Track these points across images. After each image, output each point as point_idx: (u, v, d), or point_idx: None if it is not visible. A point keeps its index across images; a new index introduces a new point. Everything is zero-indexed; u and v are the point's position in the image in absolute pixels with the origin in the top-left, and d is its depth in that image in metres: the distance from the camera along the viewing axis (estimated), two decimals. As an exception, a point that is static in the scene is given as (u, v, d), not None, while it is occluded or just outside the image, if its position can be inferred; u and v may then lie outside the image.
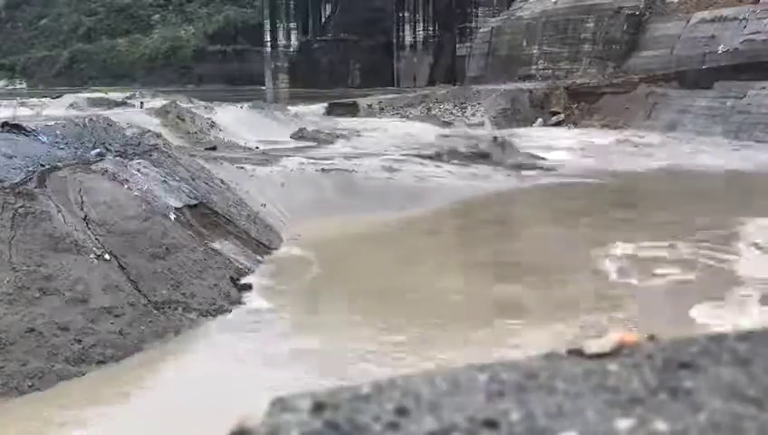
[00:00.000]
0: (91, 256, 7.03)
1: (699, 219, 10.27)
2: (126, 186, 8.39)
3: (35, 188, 7.20)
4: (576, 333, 5.50)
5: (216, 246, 8.65)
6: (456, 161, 14.85)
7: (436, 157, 15.07)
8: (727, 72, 21.05)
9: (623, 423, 0.65)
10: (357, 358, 5.78)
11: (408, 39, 49.34)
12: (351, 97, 28.84)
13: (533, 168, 15.11)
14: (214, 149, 15.00)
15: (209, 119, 17.96)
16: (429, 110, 25.93)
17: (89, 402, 5.34)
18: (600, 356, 0.80)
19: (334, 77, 49.61)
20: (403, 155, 15.18)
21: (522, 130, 21.68)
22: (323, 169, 13.42)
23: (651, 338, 0.85)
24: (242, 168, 13.34)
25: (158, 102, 20.60)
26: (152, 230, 7.94)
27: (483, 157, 15.31)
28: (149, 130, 11.86)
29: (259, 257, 9.07)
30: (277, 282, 8.19)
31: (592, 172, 14.86)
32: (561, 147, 18.30)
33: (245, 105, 21.55)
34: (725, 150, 17.32)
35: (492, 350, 5.54)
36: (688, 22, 24.50)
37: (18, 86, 65.94)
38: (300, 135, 19.28)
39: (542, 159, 16.27)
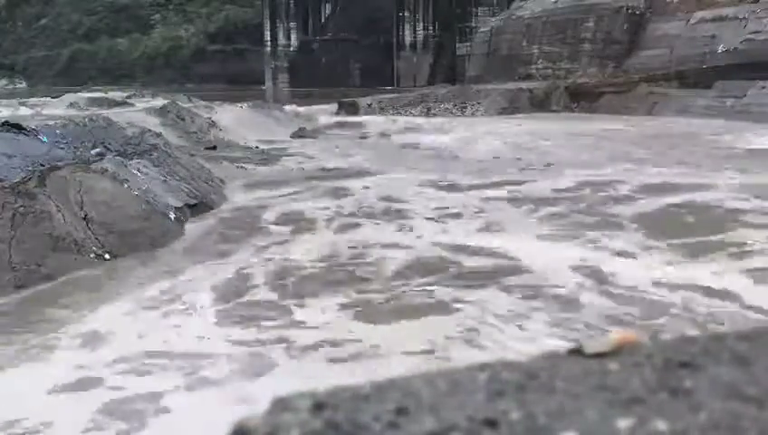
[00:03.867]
0: (92, 256, 7.04)
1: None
2: (126, 185, 8.40)
3: (35, 187, 7.20)
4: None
5: (216, 245, 8.66)
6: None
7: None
8: (727, 72, 21.06)
9: (623, 423, 0.65)
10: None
11: (408, 39, 49.37)
12: (352, 96, 28.84)
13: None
14: (214, 148, 15.01)
15: (209, 118, 17.95)
16: (429, 109, 25.92)
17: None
18: (599, 356, 0.80)
19: (334, 76, 49.59)
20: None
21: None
22: (323, 168, 13.48)
23: (652, 337, 0.85)
24: (242, 167, 13.39)
25: (158, 102, 20.57)
26: (152, 230, 7.95)
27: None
28: (149, 130, 11.86)
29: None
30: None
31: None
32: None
33: (245, 105, 21.52)
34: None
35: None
36: (688, 21, 24.51)
37: (18, 86, 65.97)
38: (300, 134, 19.32)
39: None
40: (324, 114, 24.38)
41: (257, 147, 16.31)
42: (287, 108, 24.41)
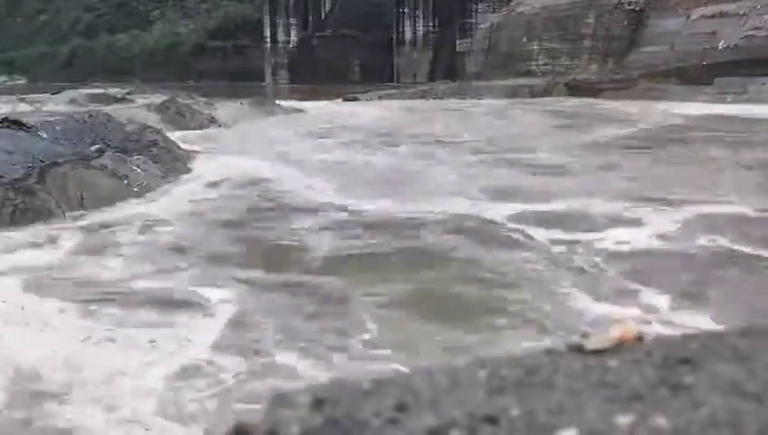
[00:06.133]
0: (91, 252, 7.02)
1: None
2: (125, 181, 8.40)
3: (35, 183, 7.21)
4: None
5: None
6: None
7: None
8: (727, 68, 21.07)
9: (623, 419, 0.65)
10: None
11: (408, 35, 49.33)
12: (352, 93, 28.87)
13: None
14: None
15: (209, 115, 17.95)
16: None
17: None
18: (600, 352, 0.80)
19: (334, 73, 49.57)
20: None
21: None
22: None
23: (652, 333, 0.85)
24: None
25: (158, 98, 20.57)
26: (152, 226, 7.94)
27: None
28: (149, 126, 11.86)
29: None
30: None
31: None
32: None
33: (245, 101, 21.55)
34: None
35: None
36: (688, 18, 24.50)
37: (18, 82, 65.95)
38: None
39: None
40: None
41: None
42: (285, 104, 24.45)
